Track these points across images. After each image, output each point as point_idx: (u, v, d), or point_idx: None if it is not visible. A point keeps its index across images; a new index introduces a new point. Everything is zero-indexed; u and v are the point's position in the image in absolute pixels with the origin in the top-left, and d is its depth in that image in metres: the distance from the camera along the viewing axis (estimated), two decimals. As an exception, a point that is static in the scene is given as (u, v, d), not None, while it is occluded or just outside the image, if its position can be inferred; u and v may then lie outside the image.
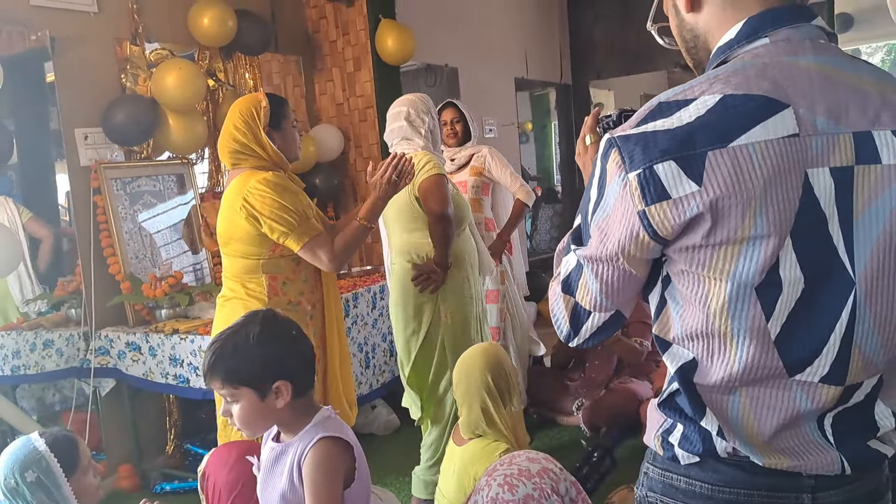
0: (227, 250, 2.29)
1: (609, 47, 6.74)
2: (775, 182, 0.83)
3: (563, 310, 0.99)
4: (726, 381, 0.90)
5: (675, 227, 0.85)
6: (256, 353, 1.45)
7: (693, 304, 0.90)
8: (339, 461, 1.49)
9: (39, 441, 1.72)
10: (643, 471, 1.04)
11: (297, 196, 2.22)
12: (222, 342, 1.48)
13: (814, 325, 0.87)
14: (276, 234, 2.16)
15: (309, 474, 1.46)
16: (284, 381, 1.46)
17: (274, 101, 2.28)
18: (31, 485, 1.66)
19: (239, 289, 2.28)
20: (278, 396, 1.46)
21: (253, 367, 1.45)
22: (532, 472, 1.52)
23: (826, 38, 0.91)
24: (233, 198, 2.20)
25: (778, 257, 0.84)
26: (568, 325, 0.99)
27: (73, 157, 3.14)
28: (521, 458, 1.59)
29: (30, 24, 3.01)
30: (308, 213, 2.23)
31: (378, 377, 3.54)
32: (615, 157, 0.88)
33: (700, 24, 0.97)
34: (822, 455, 0.91)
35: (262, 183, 2.16)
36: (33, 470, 1.67)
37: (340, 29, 4.24)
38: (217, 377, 1.47)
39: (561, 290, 0.99)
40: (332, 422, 1.54)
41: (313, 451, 1.47)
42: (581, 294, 0.96)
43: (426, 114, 2.83)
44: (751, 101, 0.84)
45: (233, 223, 2.21)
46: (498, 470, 1.56)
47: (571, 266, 0.97)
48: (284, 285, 2.28)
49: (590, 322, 0.97)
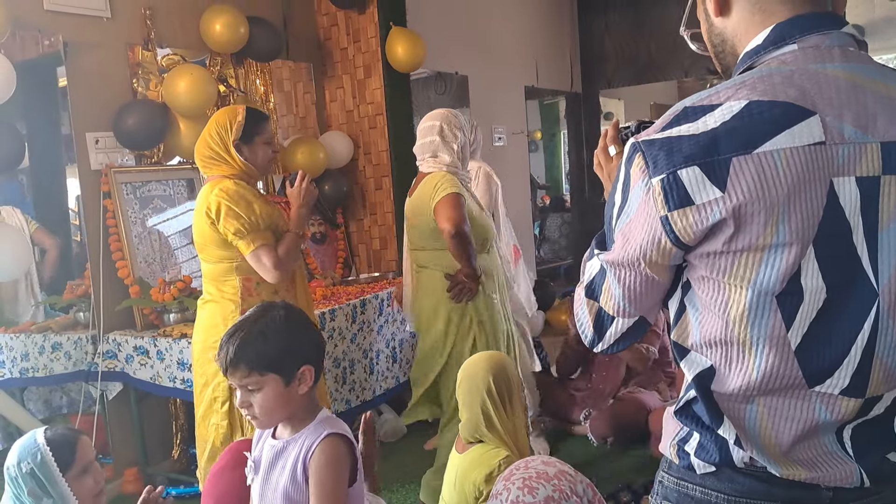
0: (203, 256, 2.42)
1: (620, 56, 6.74)
2: (799, 190, 0.81)
3: (587, 315, 0.99)
4: (744, 390, 0.89)
5: (697, 233, 0.85)
6: (285, 336, 1.46)
7: (713, 310, 0.89)
8: (346, 459, 1.50)
9: (40, 434, 1.75)
10: (658, 479, 1.02)
11: (251, 205, 2.32)
12: (247, 329, 1.48)
13: (835, 335, 0.86)
14: (229, 238, 2.30)
15: (317, 472, 1.46)
16: (309, 366, 1.48)
17: (251, 117, 2.41)
18: (25, 475, 1.69)
19: (215, 291, 2.40)
20: (302, 382, 1.48)
21: (282, 351, 1.45)
22: (550, 474, 1.53)
23: (856, 46, 0.90)
24: (200, 204, 2.35)
25: (800, 266, 0.83)
26: (592, 330, 0.99)
27: (84, 161, 3.15)
28: (537, 462, 1.59)
29: (43, 28, 3.03)
30: (259, 223, 2.32)
31: (382, 383, 3.53)
32: (639, 162, 0.87)
33: (728, 28, 0.96)
34: (841, 467, 0.90)
35: (223, 190, 2.31)
36: (28, 461, 1.70)
37: (351, 36, 4.25)
38: (242, 365, 1.45)
39: (585, 294, 0.98)
40: (335, 420, 1.55)
41: (322, 448, 1.47)
42: (604, 299, 0.96)
43: (459, 129, 2.82)
44: (776, 108, 0.83)
45: (201, 228, 2.35)
46: (515, 474, 1.56)
47: (595, 271, 0.97)
48: (258, 286, 2.39)
49: (613, 328, 0.97)
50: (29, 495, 1.68)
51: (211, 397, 2.42)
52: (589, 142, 6.94)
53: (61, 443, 1.75)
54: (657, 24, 6.44)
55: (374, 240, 4.40)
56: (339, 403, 3.21)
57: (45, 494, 1.69)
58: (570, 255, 7.28)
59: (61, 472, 1.71)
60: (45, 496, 1.69)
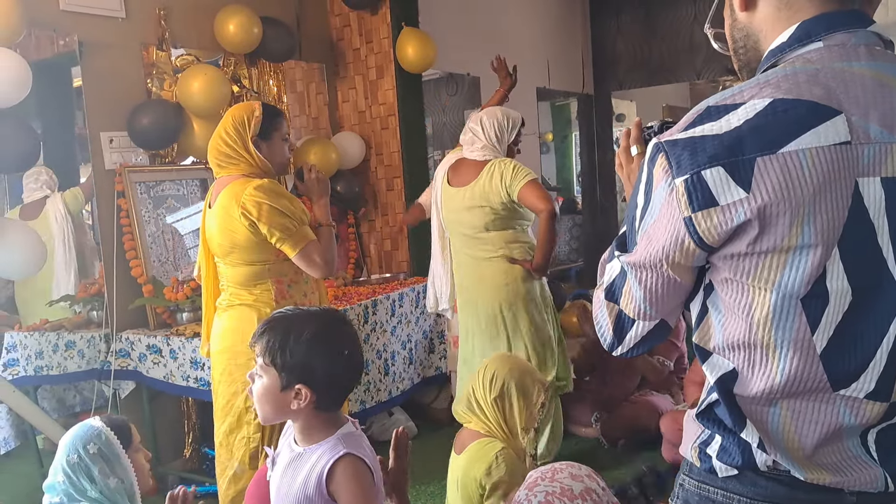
0: (230, 260, 2.27)
1: (632, 58, 6.71)
2: (825, 190, 0.80)
3: (606, 318, 0.97)
4: (767, 393, 0.88)
5: (721, 234, 0.84)
6: (300, 349, 1.45)
7: (736, 313, 0.88)
8: (369, 478, 1.47)
9: (96, 419, 1.89)
10: (678, 482, 1.01)
11: (292, 202, 2.23)
12: (286, 321, 1.48)
13: (861, 338, 0.84)
14: (274, 238, 2.18)
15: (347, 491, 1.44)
16: (308, 389, 1.44)
17: (268, 113, 2.30)
18: (93, 456, 1.80)
19: (246, 295, 2.27)
20: (296, 398, 1.45)
21: (289, 358, 1.44)
22: (574, 492, 1.45)
23: (882, 45, 0.88)
24: (229, 206, 2.19)
25: (825, 268, 0.82)
26: (612, 333, 0.97)
27: (99, 161, 3.17)
28: (564, 473, 1.51)
29: (59, 28, 3.06)
30: (304, 219, 2.25)
31: (398, 384, 3.53)
32: (662, 163, 0.86)
33: (753, 24, 0.95)
34: (866, 471, 0.89)
35: (259, 189, 2.17)
36: (94, 443, 1.82)
37: (364, 37, 4.25)
38: (260, 344, 1.47)
39: (605, 297, 0.97)
40: (355, 439, 1.51)
41: (342, 469, 1.44)
42: (625, 301, 0.94)
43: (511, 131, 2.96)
44: (801, 107, 0.81)
45: (234, 232, 2.21)
46: (539, 485, 1.49)
47: (615, 273, 0.96)
48: (290, 287, 2.30)
49: (634, 331, 0.95)
50: (99, 474, 1.80)
51: (243, 407, 2.26)
52: (601, 144, 6.91)
53: (118, 425, 1.90)
54: (669, 25, 6.42)
55: (386, 240, 4.40)
56: (354, 404, 3.21)
57: (111, 473, 1.82)
58: (581, 258, 7.25)
59: (124, 447, 1.86)
60: (111, 475, 1.82)
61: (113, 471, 1.82)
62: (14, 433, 3.15)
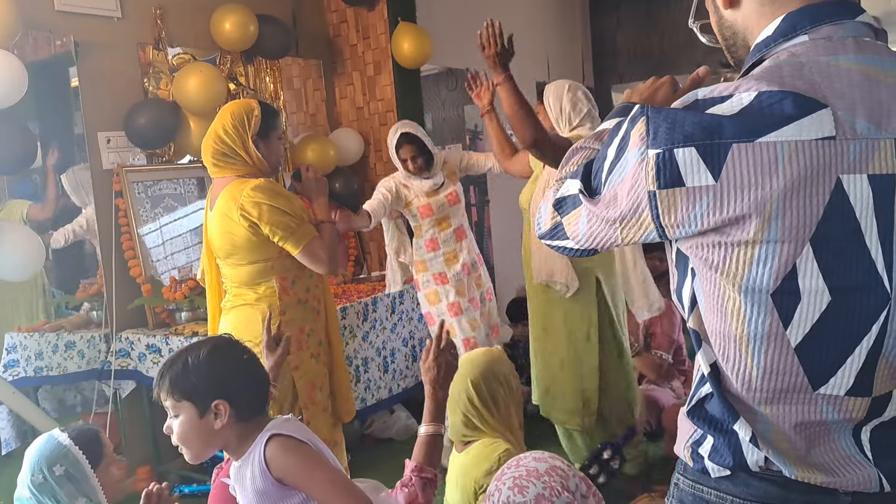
0: (232, 261, 2.28)
1: (632, 51, 6.69)
2: (800, 186, 0.78)
3: (547, 219, 1.00)
4: (746, 389, 0.87)
5: (680, 217, 0.83)
6: (203, 368, 1.45)
7: (711, 303, 0.87)
8: (304, 447, 1.47)
9: (62, 435, 1.76)
10: (674, 482, 1.01)
11: (290, 200, 2.24)
12: (177, 355, 1.50)
13: (840, 336, 0.83)
14: (277, 237, 2.19)
15: (289, 465, 1.43)
16: (224, 402, 1.44)
17: (266, 111, 2.29)
18: (59, 478, 1.69)
19: (249, 294, 2.28)
20: (217, 417, 1.45)
21: (196, 381, 1.45)
22: (540, 471, 1.50)
23: (873, 36, 0.86)
24: (228, 208, 2.19)
25: (795, 265, 0.80)
26: (546, 231, 1.01)
27: (96, 161, 3.17)
28: (528, 458, 1.56)
29: (55, 29, 3.05)
30: (304, 216, 2.25)
31: (399, 382, 3.53)
32: (640, 127, 0.85)
33: (739, 20, 0.93)
34: (860, 471, 0.88)
35: (256, 189, 2.17)
36: (61, 464, 1.70)
37: (361, 33, 4.24)
38: (163, 387, 1.47)
39: (553, 205, 0.99)
40: (279, 423, 1.51)
41: (273, 450, 1.44)
42: (568, 221, 0.96)
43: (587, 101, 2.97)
44: (786, 98, 0.79)
45: (233, 234, 2.21)
46: (506, 473, 1.54)
47: (571, 193, 0.96)
48: (294, 284, 2.30)
49: (563, 242, 0.99)
50: (66, 496, 1.69)
51: None
52: (600, 137, 6.90)
53: (87, 440, 1.77)
54: (669, 18, 6.39)
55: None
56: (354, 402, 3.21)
57: (78, 493, 1.71)
58: (582, 252, 7.25)
59: (92, 466, 1.75)
60: (78, 495, 1.71)
61: (80, 490, 1.73)
62: (15, 434, 3.15)
